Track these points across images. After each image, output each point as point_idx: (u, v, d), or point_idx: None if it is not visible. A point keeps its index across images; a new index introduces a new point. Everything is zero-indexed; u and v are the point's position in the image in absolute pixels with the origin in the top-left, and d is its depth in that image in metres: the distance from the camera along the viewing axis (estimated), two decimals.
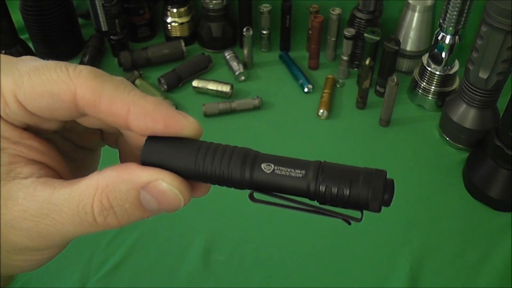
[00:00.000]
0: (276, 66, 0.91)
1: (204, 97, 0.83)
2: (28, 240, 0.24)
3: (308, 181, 0.22)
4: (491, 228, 0.63)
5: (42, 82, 0.23)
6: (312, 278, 0.58)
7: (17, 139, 0.24)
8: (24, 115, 0.24)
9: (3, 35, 0.76)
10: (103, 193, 0.23)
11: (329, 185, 0.22)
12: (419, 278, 0.58)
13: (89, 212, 0.23)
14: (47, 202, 0.23)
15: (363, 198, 0.22)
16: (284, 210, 0.25)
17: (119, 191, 0.23)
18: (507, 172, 0.64)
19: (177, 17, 0.92)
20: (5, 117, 0.24)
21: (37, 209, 0.23)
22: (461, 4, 0.69)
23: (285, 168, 0.23)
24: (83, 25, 0.95)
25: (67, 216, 0.23)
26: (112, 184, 0.23)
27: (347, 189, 0.22)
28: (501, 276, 0.58)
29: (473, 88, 0.68)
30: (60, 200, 0.23)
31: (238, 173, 0.23)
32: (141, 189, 0.23)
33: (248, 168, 0.23)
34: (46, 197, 0.23)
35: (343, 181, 0.22)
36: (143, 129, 0.23)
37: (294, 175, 0.23)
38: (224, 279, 0.58)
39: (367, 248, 0.61)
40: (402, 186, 0.68)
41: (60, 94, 0.23)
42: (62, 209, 0.23)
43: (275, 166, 0.23)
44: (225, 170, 0.23)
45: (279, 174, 0.23)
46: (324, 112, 0.79)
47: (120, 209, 0.23)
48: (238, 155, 0.23)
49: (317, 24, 0.84)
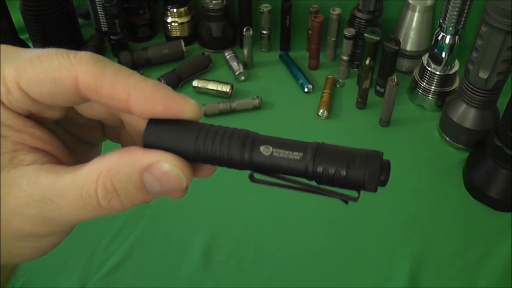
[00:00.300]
0: (276, 66, 0.91)
1: (204, 97, 0.83)
2: (32, 227, 0.24)
3: (306, 163, 0.23)
4: (491, 228, 0.63)
5: (44, 68, 0.23)
6: (312, 278, 0.58)
7: (20, 127, 0.24)
8: (27, 102, 0.24)
9: (3, 35, 0.76)
10: (107, 177, 0.23)
11: (327, 166, 0.22)
12: (419, 278, 0.58)
13: (93, 196, 0.23)
14: (50, 188, 0.23)
15: (360, 178, 0.22)
16: (284, 210, 0.26)
17: (122, 174, 0.23)
18: (507, 172, 0.64)
19: (177, 17, 0.92)
20: (8, 104, 0.24)
21: (41, 195, 0.23)
22: (461, 4, 0.69)
23: (284, 150, 0.23)
24: (83, 25, 0.95)
25: (70, 200, 0.23)
26: (115, 167, 0.23)
27: (344, 170, 0.22)
28: (501, 276, 0.58)
29: (473, 88, 0.68)
30: (64, 185, 0.23)
31: (238, 155, 0.23)
32: (144, 171, 0.23)
33: (247, 150, 0.23)
34: (50, 183, 0.23)
35: (341, 162, 0.22)
36: (143, 112, 0.24)
37: (292, 157, 0.23)
38: (224, 279, 0.58)
39: (367, 248, 0.61)
40: (402, 186, 0.69)
41: (62, 80, 0.23)
42: (65, 194, 0.23)
43: (273, 149, 0.24)
44: (224, 152, 0.23)
45: (278, 157, 0.23)
46: (324, 112, 0.79)
47: (124, 192, 0.23)
48: (237, 137, 0.24)
49: (317, 24, 0.84)
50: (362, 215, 0.65)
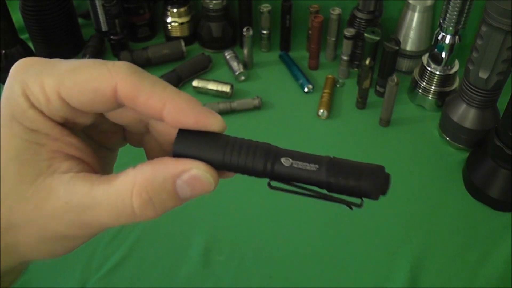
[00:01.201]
0: (276, 66, 0.91)
1: (204, 97, 0.83)
2: (67, 230, 0.26)
3: (321, 173, 0.26)
4: (491, 228, 0.63)
5: (85, 79, 0.25)
6: (312, 278, 0.58)
7: (56, 136, 0.26)
8: (65, 110, 0.26)
9: (3, 35, 0.76)
10: (142, 187, 0.25)
11: (338, 177, 0.26)
12: (419, 278, 0.58)
13: (128, 205, 0.25)
14: (87, 196, 0.25)
15: (365, 189, 0.27)
16: (284, 210, 0.27)
17: (157, 183, 0.25)
18: (507, 172, 0.64)
19: (177, 17, 0.92)
20: (47, 113, 0.25)
21: (78, 202, 0.25)
22: (461, 4, 0.69)
23: (302, 162, 0.27)
24: (83, 25, 0.95)
25: (106, 208, 0.25)
26: (150, 177, 0.25)
27: (352, 181, 0.27)
28: (501, 276, 0.58)
29: (473, 88, 0.68)
30: (100, 195, 0.25)
31: (262, 166, 0.27)
32: (177, 178, 0.25)
33: (270, 162, 0.27)
34: (86, 191, 0.25)
35: (350, 174, 0.27)
36: (176, 123, 0.26)
37: (310, 169, 0.27)
38: (224, 279, 0.58)
39: (367, 248, 0.61)
40: (402, 186, 0.69)
41: (101, 89, 0.25)
42: (102, 202, 0.25)
43: (293, 160, 0.27)
44: (249, 163, 0.27)
45: (296, 167, 0.27)
46: (324, 112, 0.79)
47: (158, 200, 0.25)
48: (261, 149, 0.27)
49: (317, 24, 0.84)
50: (362, 215, 0.65)
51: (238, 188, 0.66)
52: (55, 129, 0.26)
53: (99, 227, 0.26)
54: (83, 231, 0.26)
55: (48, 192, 0.25)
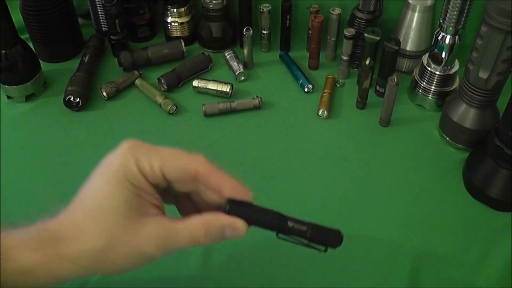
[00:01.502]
0: (276, 66, 0.91)
1: (204, 97, 0.83)
2: (153, 251, 0.41)
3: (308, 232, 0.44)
4: (491, 228, 0.63)
5: (182, 163, 0.42)
6: (312, 278, 0.58)
7: (151, 193, 0.42)
8: (160, 180, 0.42)
9: (3, 35, 0.76)
10: (207, 227, 0.42)
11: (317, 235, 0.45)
12: (419, 278, 0.58)
13: (198, 236, 0.42)
14: (171, 228, 0.41)
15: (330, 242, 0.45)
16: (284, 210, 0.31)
17: (217, 226, 0.42)
18: (507, 172, 0.64)
19: (177, 17, 0.92)
20: (149, 179, 0.41)
21: (165, 233, 0.41)
22: (461, 4, 0.69)
23: (299, 225, 0.44)
24: (83, 25, 0.96)
25: (183, 237, 0.42)
26: (212, 222, 0.42)
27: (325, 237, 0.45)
28: (501, 276, 0.58)
29: (473, 88, 0.68)
30: (180, 229, 0.42)
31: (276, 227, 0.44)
32: (226, 226, 0.42)
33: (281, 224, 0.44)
34: (171, 226, 0.42)
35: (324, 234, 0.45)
36: (228, 195, 0.43)
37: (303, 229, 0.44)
38: (224, 279, 0.58)
39: (367, 248, 0.61)
40: (402, 186, 0.69)
41: (189, 170, 0.42)
42: (181, 233, 0.42)
43: (294, 223, 0.44)
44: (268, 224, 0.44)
45: (296, 228, 0.44)
46: (324, 112, 0.79)
47: (214, 236, 0.42)
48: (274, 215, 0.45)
49: (317, 24, 0.84)
50: (362, 215, 0.65)
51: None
52: (150, 188, 0.42)
53: (174, 249, 0.42)
54: (163, 252, 0.42)
55: (144, 225, 0.41)
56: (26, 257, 0.41)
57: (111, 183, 0.40)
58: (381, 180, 0.69)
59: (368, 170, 0.71)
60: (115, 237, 0.40)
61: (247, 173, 0.70)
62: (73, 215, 0.42)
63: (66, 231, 0.41)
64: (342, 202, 0.66)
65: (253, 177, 0.70)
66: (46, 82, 0.86)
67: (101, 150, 0.75)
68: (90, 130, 0.78)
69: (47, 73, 0.86)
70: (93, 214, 0.41)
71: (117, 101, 0.83)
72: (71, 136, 0.77)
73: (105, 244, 0.40)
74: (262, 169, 0.71)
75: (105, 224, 0.40)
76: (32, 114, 0.81)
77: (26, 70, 0.80)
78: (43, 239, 0.41)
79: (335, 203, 0.66)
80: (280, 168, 0.71)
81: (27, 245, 0.41)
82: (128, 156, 0.41)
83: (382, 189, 0.68)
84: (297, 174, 0.71)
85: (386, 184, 0.69)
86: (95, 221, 0.40)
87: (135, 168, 0.41)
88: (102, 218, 0.40)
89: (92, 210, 0.41)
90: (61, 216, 0.42)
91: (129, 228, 0.40)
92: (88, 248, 0.40)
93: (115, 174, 0.41)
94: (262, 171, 0.71)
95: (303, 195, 0.67)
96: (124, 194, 0.40)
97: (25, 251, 0.41)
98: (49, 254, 0.41)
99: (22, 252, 0.41)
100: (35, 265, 0.41)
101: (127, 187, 0.40)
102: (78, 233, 0.41)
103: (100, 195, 0.41)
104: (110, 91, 0.83)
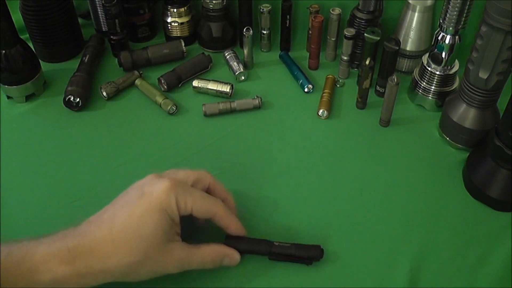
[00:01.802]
0: (276, 66, 0.91)
1: (204, 97, 0.83)
2: (172, 269, 0.53)
3: (294, 252, 0.57)
4: (491, 228, 0.63)
5: (207, 205, 0.55)
6: (312, 278, 0.58)
7: (177, 224, 0.53)
8: (187, 213, 0.53)
9: (3, 35, 0.76)
10: (214, 255, 0.55)
11: (302, 253, 0.57)
12: (419, 278, 0.58)
13: (208, 261, 0.55)
14: (189, 254, 0.54)
15: (312, 257, 0.57)
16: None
17: (220, 255, 0.56)
18: (507, 172, 0.64)
19: (177, 17, 0.92)
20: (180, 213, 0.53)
21: (185, 256, 0.53)
22: (461, 4, 0.69)
23: (284, 245, 0.58)
24: (83, 25, 0.95)
25: (197, 261, 0.54)
26: (217, 251, 0.56)
27: (308, 254, 0.57)
28: (501, 276, 0.58)
29: (473, 88, 0.68)
30: (195, 253, 0.54)
31: (267, 252, 0.58)
32: (226, 256, 0.56)
33: (269, 248, 0.58)
34: (189, 252, 0.54)
35: (308, 251, 0.57)
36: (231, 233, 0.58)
37: (288, 247, 0.58)
38: (224, 279, 0.58)
39: (367, 248, 0.61)
40: (402, 186, 0.69)
41: (211, 212, 0.55)
42: (195, 258, 0.54)
43: (279, 243, 0.58)
44: (258, 251, 0.58)
45: (282, 246, 0.58)
46: (324, 112, 0.79)
47: (216, 262, 0.56)
48: (263, 243, 0.58)
49: (317, 24, 0.84)
50: (362, 215, 0.65)
51: (238, 188, 0.66)
52: (178, 220, 0.53)
53: (191, 267, 0.54)
54: (178, 270, 0.53)
55: (172, 250, 0.52)
56: (58, 270, 0.47)
57: (154, 213, 0.50)
58: (381, 180, 0.69)
59: (368, 170, 0.71)
60: (148, 256, 0.50)
61: (247, 173, 0.70)
62: (108, 233, 0.49)
63: (101, 247, 0.49)
64: (342, 202, 0.66)
65: (253, 177, 0.70)
66: (46, 82, 0.86)
67: (101, 150, 0.75)
68: (90, 130, 0.78)
69: (47, 73, 0.86)
70: (133, 235, 0.49)
71: (117, 101, 0.83)
72: (71, 136, 0.77)
73: (138, 260, 0.49)
74: (262, 169, 0.71)
75: (143, 245, 0.50)
76: (32, 114, 0.81)
77: (26, 70, 0.80)
78: (75, 254, 0.48)
79: (335, 203, 0.66)
80: (280, 168, 0.71)
81: (58, 260, 0.47)
82: (171, 194, 0.51)
83: (382, 189, 0.68)
84: (297, 174, 0.71)
85: (386, 184, 0.69)
86: (134, 241, 0.49)
87: (174, 205, 0.51)
88: (142, 240, 0.49)
89: (132, 231, 0.49)
90: (94, 233, 0.50)
91: (160, 250, 0.51)
92: (123, 263, 0.49)
93: (159, 206, 0.50)
94: (262, 171, 0.71)
95: (303, 195, 0.67)
96: (162, 223, 0.50)
97: (56, 265, 0.47)
98: (80, 267, 0.48)
99: (54, 265, 0.47)
100: (66, 277, 0.47)
101: (165, 218, 0.51)
102: (115, 250, 0.49)
103: (141, 220, 0.50)
104: (110, 91, 0.83)
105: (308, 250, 0.57)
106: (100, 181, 0.69)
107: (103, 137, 0.77)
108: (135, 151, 0.74)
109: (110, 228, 0.50)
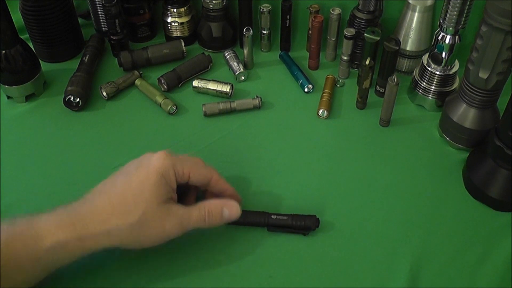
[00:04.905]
0: (276, 66, 0.91)
1: (204, 97, 0.83)
2: (173, 229, 0.54)
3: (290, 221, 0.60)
4: (491, 228, 0.63)
5: (203, 172, 0.58)
6: (312, 278, 0.58)
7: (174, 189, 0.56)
8: (185, 180, 0.57)
9: (3, 35, 0.76)
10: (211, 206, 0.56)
11: (298, 221, 0.60)
12: (419, 278, 0.58)
13: (204, 217, 0.55)
14: (187, 212, 0.55)
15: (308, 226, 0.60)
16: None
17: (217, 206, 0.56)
18: (507, 172, 0.64)
19: (177, 17, 0.92)
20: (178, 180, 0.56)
21: (183, 215, 0.54)
22: (461, 4, 0.69)
23: (281, 217, 0.60)
24: (83, 25, 0.96)
25: (195, 219, 0.55)
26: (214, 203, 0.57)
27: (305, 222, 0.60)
28: (501, 276, 0.58)
29: (473, 88, 0.68)
30: (192, 210, 0.55)
31: (263, 222, 0.61)
32: (224, 206, 0.57)
33: (267, 219, 0.61)
34: (186, 210, 0.55)
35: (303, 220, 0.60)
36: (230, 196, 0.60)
37: (284, 219, 0.60)
38: (224, 279, 0.58)
39: (367, 248, 0.61)
40: (402, 186, 0.69)
41: (207, 178, 0.59)
42: (194, 215, 0.55)
43: (277, 216, 0.60)
44: (256, 221, 0.61)
45: (280, 219, 0.60)
46: (324, 112, 0.79)
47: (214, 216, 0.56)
48: (262, 215, 0.61)
49: (317, 24, 0.84)
50: (362, 215, 0.65)
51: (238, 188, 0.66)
52: (175, 186, 0.55)
53: (188, 229, 0.55)
54: (179, 231, 0.54)
55: (170, 209, 0.54)
56: (60, 234, 0.49)
57: (151, 177, 0.53)
58: (381, 180, 0.69)
59: (368, 170, 0.71)
60: (147, 217, 0.52)
61: (247, 173, 0.70)
62: (108, 199, 0.52)
63: (101, 211, 0.51)
64: (342, 202, 0.66)
65: (253, 177, 0.70)
66: (46, 82, 0.86)
67: (101, 150, 0.75)
68: (90, 130, 0.78)
69: (47, 73, 0.87)
70: (132, 198, 0.52)
71: (117, 101, 0.84)
72: (71, 136, 0.77)
73: (137, 220, 0.51)
74: (262, 169, 0.71)
75: (141, 205, 0.52)
76: (32, 114, 0.81)
77: (26, 70, 0.80)
78: (76, 219, 0.50)
79: (335, 203, 0.66)
80: (280, 168, 0.71)
81: (60, 224, 0.50)
82: (168, 160, 0.54)
83: (382, 189, 0.68)
84: (297, 174, 0.71)
85: (386, 184, 0.69)
86: (133, 203, 0.52)
87: (172, 171, 0.54)
88: (140, 201, 0.52)
89: (130, 195, 0.52)
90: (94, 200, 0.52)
91: (158, 210, 0.52)
92: (122, 224, 0.51)
93: (157, 170, 0.53)
94: (262, 171, 0.71)
95: (303, 195, 0.67)
96: (159, 187, 0.53)
97: (57, 229, 0.50)
98: (81, 230, 0.50)
99: (55, 230, 0.50)
100: (67, 241, 0.50)
101: (162, 182, 0.53)
102: (114, 212, 0.51)
103: (140, 185, 0.52)
104: (110, 91, 0.83)
105: (304, 219, 0.61)
106: (100, 181, 0.69)
107: (103, 137, 0.77)
108: (135, 151, 0.74)
109: (109, 195, 0.53)
